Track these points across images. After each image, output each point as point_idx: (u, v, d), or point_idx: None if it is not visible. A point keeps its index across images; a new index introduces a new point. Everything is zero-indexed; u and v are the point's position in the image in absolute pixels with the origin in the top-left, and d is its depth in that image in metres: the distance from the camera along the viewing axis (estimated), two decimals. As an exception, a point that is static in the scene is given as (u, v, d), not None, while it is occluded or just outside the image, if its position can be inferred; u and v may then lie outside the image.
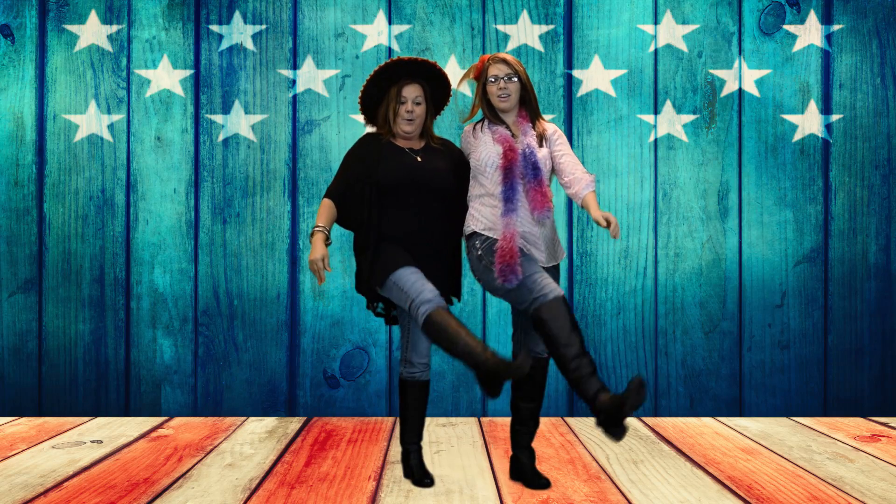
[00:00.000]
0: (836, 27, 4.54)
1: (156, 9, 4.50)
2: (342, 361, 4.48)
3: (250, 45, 4.51)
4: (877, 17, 4.54)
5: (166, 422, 4.33)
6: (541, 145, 3.11)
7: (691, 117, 4.52)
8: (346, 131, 4.50)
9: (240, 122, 4.50)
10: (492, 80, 3.10)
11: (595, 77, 4.52)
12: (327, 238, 3.07)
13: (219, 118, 4.50)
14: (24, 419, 4.40)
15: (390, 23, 4.52)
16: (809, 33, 4.54)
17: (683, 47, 4.53)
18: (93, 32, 4.50)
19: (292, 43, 4.52)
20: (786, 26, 4.54)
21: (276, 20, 4.52)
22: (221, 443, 3.86)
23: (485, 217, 3.07)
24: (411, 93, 3.16)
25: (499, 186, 3.05)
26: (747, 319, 4.51)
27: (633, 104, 4.52)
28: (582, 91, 4.51)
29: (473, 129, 3.18)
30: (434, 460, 3.53)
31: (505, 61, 3.10)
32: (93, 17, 4.49)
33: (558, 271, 3.18)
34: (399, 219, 3.11)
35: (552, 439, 3.93)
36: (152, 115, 4.50)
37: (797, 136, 4.53)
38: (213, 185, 4.49)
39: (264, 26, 4.52)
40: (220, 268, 4.48)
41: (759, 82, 4.53)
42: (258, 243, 4.49)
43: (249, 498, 2.99)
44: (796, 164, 4.52)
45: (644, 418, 4.42)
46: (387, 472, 3.35)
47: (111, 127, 4.50)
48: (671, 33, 4.53)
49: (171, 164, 4.49)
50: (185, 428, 4.18)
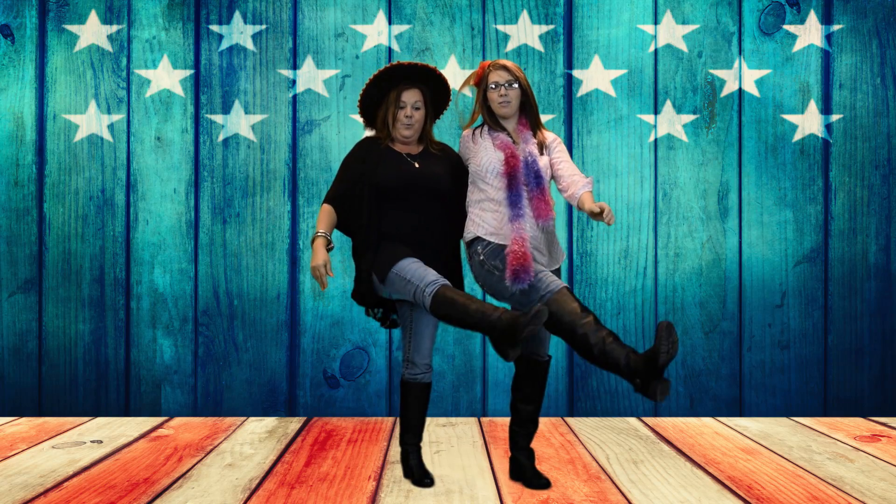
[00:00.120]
0: (836, 27, 4.54)
1: (156, 9, 4.50)
2: (342, 361, 4.48)
3: (250, 45, 4.51)
4: (877, 17, 4.54)
5: (166, 422, 4.33)
6: (541, 153, 3.11)
7: (691, 117, 4.52)
8: (346, 131, 4.50)
9: (240, 122, 4.50)
10: (492, 86, 3.10)
11: (595, 77, 4.52)
12: (328, 243, 3.06)
13: (219, 118, 4.50)
14: (24, 419, 4.40)
15: (390, 23, 4.51)
16: (809, 33, 4.54)
17: (683, 47, 4.53)
18: (93, 32, 4.50)
19: (292, 43, 4.52)
20: (786, 26, 4.54)
21: (276, 20, 4.52)
22: (221, 443, 3.86)
23: (486, 222, 3.07)
24: (410, 97, 3.16)
25: (501, 192, 3.05)
26: (747, 319, 4.51)
27: (633, 104, 4.52)
28: (582, 91, 4.51)
29: (473, 134, 3.17)
30: (434, 460, 3.53)
31: (506, 68, 3.09)
32: (93, 17, 4.49)
33: (559, 273, 3.18)
34: (398, 223, 3.10)
35: (552, 439, 3.93)
36: (152, 115, 4.50)
37: (797, 136, 4.53)
38: (213, 185, 4.49)
39: (264, 26, 4.52)
40: (220, 268, 4.48)
41: (759, 82, 4.53)
42: (258, 243, 4.49)
43: (249, 498, 2.99)
44: (796, 164, 4.52)
45: (644, 418, 4.42)
46: (387, 472, 3.35)
47: (111, 127, 4.50)
48: (671, 33, 4.53)
49: (171, 164, 4.49)
50: (185, 428, 4.18)
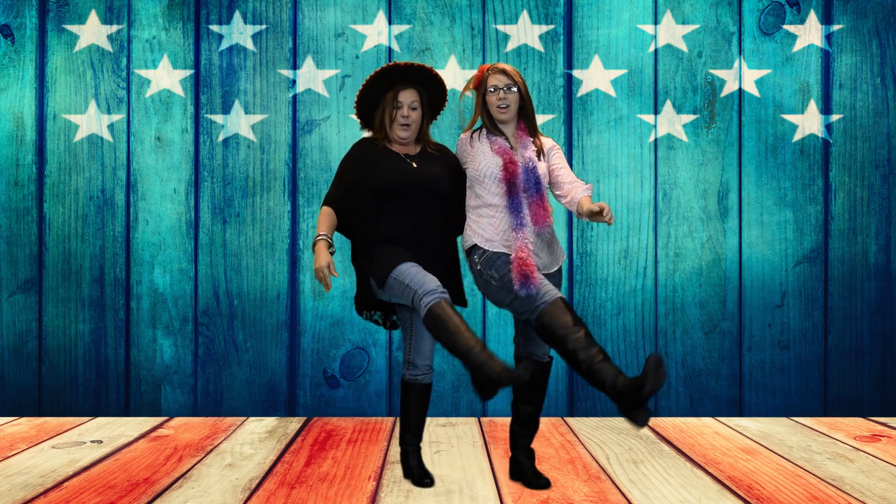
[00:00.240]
0: (836, 27, 4.54)
1: (156, 9, 4.50)
2: (342, 361, 4.48)
3: (250, 45, 4.51)
4: (877, 17, 4.54)
5: (166, 422, 4.33)
6: (539, 159, 3.11)
7: (691, 117, 4.52)
8: (346, 131, 4.50)
9: (240, 122, 4.50)
10: (491, 90, 3.10)
11: (595, 77, 4.52)
12: (330, 245, 3.06)
13: (219, 118, 4.50)
14: (24, 419, 4.40)
15: (390, 23, 4.51)
16: (809, 33, 4.54)
17: (683, 47, 4.53)
18: (93, 32, 4.50)
19: (292, 43, 4.52)
20: (786, 26, 4.54)
21: (276, 20, 4.52)
22: (221, 443, 3.86)
23: (482, 229, 3.07)
24: (407, 98, 3.15)
25: (499, 198, 3.05)
26: (747, 319, 4.50)
27: (633, 104, 4.52)
28: (582, 91, 4.51)
29: (471, 137, 3.17)
30: (434, 460, 3.53)
31: (504, 72, 3.09)
32: (93, 17, 4.49)
33: (560, 274, 3.18)
34: (396, 224, 3.09)
35: (552, 439, 3.93)
36: (152, 115, 4.50)
37: (797, 136, 4.53)
38: (213, 185, 4.49)
39: (264, 26, 4.52)
40: (220, 268, 4.48)
41: (759, 82, 4.53)
42: (258, 243, 4.49)
43: (249, 498, 2.99)
44: (796, 164, 4.52)
45: (644, 418, 4.42)
46: (387, 472, 3.35)
47: (111, 127, 4.50)
48: (671, 33, 4.53)
49: (171, 164, 4.49)
50: (185, 428, 4.18)
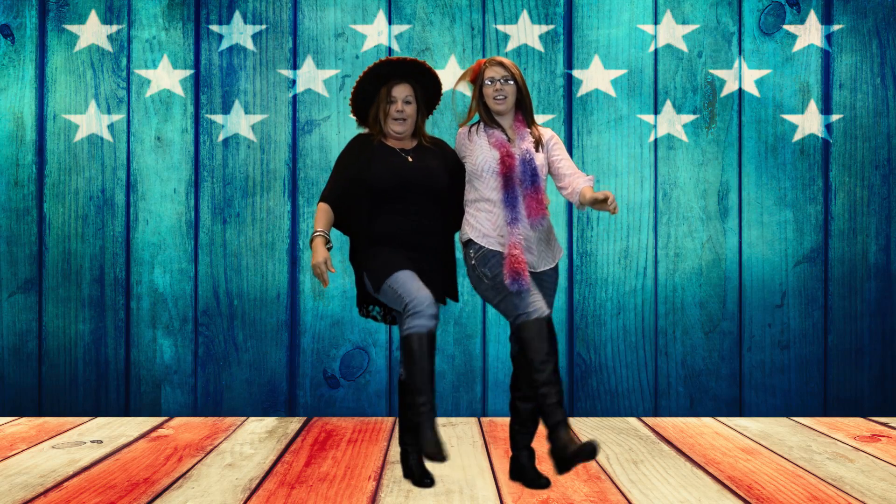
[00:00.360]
0: (836, 27, 4.54)
1: (156, 9, 4.50)
2: (342, 361, 4.48)
3: (250, 45, 4.51)
4: (877, 17, 4.54)
5: (166, 422, 4.33)
6: (538, 150, 3.11)
7: (691, 117, 4.52)
8: (346, 131, 4.50)
9: (240, 122, 4.50)
10: (488, 82, 3.10)
11: (595, 77, 4.52)
12: (327, 241, 3.06)
13: (219, 118, 4.50)
14: (24, 419, 4.40)
15: (390, 23, 4.51)
16: (809, 33, 4.54)
17: (683, 47, 4.53)
18: (93, 32, 4.50)
19: (292, 43, 4.52)
20: (786, 26, 4.54)
21: (276, 20, 4.52)
22: (221, 443, 3.86)
23: (480, 224, 3.07)
24: (401, 92, 3.15)
25: (496, 192, 3.05)
26: (747, 319, 4.50)
27: (633, 104, 4.52)
28: (582, 91, 4.51)
29: (469, 131, 3.17)
30: (434, 460, 3.53)
31: (502, 64, 3.10)
32: (93, 17, 4.49)
33: (557, 272, 3.18)
34: (392, 219, 3.09)
35: (552, 439, 3.93)
36: (152, 115, 4.50)
37: (797, 136, 4.53)
38: (213, 185, 4.49)
39: (264, 26, 4.52)
40: (220, 268, 4.48)
41: (759, 82, 4.53)
42: (258, 243, 4.49)
43: (249, 498, 2.99)
44: (796, 164, 4.52)
45: (644, 418, 4.42)
46: (387, 472, 3.35)
47: (111, 127, 4.50)
48: (671, 33, 4.53)
49: (171, 164, 4.49)
50: (185, 428, 4.18)
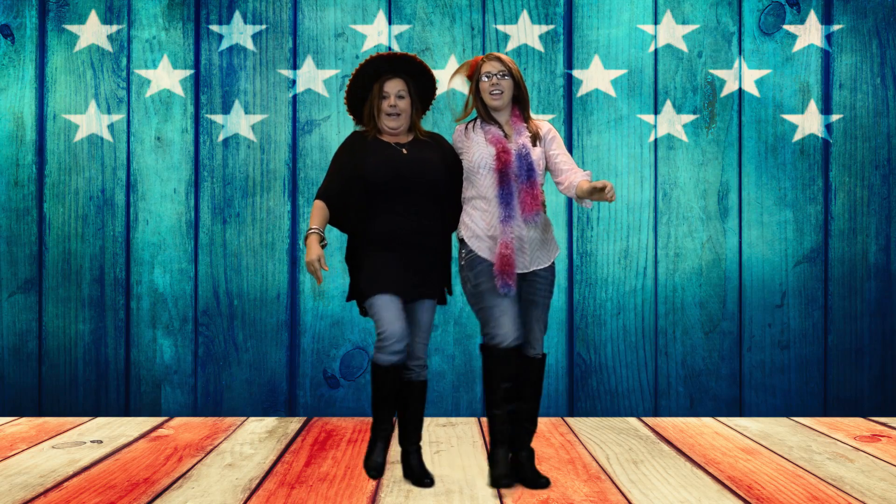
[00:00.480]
0: (836, 27, 4.54)
1: (156, 9, 4.50)
2: (342, 361, 4.48)
3: (250, 45, 4.51)
4: (877, 17, 4.54)
5: (166, 422, 4.33)
6: (535, 144, 3.11)
7: (691, 117, 4.52)
8: (345, 131, 4.50)
9: (240, 122, 4.50)
10: (485, 77, 3.10)
11: (595, 77, 4.52)
12: (322, 239, 3.06)
13: (219, 118, 4.50)
14: (24, 419, 4.40)
15: (390, 23, 4.51)
16: (809, 33, 4.54)
17: (683, 47, 4.53)
18: (93, 32, 4.50)
19: (292, 43, 4.52)
20: (786, 26, 4.54)
21: (276, 20, 4.52)
22: (221, 443, 3.86)
23: (474, 223, 3.07)
24: (393, 87, 3.15)
25: (492, 189, 3.05)
26: (747, 319, 4.50)
27: (633, 104, 4.52)
28: (582, 91, 4.51)
29: (466, 128, 3.17)
30: (434, 460, 3.53)
31: (499, 59, 3.11)
32: (93, 17, 4.49)
33: (552, 271, 3.16)
34: (388, 214, 3.08)
35: (552, 439, 3.93)
36: (152, 115, 4.50)
37: (797, 136, 4.53)
38: (213, 185, 4.49)
39: (264, 26, 4.52)
40: (220, 268, 4.48)
41: (759, 82, 4.53)
42: (258, 243, 4.49)
43: (249, 498, 2.99)
44: (796, 164, 4.52)
45: (644, 418, 4.42)
46: (387, 472, 3.34)
47: (111, 127, 4.50)
48: (671, 33, 4.53)
49: (171, 164, 4.49)
50: (185, 428, 4.18)
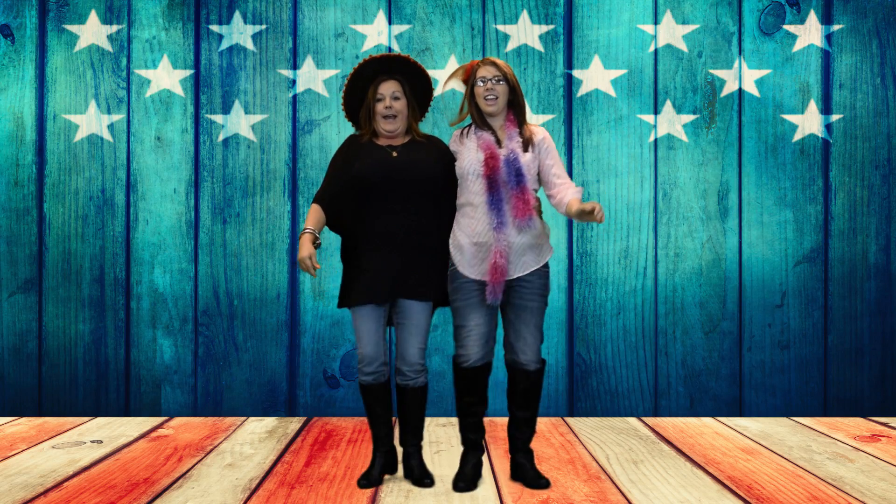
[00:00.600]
0: (836, 27, 4.54)
1: (156, 9, 4.50)
2: (342, 361, 4.48)
3: (250, 45, 4.51)
4: (877, 17, 4.54)
5: (166, 422, 4.33)
6: (526, 150, 3.08)
7: (691, 117, 4.52)
8: (345, 131, 4.50)
9: (240, 122, 4.50)
10: (480, 82, 3.09)
11: (595, 77, 4.52)
12: (315, 239, 3.06)
13: (219, 118, 4.50)
14: (24, 419, 4.40)
15: (390, 23, 4.51)
16: (809, 33, 4.54)
17: (683, 47, 4.53)
18: (93, 32, 4.50)
19: (292, 43, 4.52)
20: (786, 26, 4.54)
21: (276, 20, 4.52)
22: (221, 443, 3.86)
23: (461, 231, 3.08)
24: (388, 89, 3.13)
25: (480, 196, 3.03)
26: (747, 319, 4.50)
27: (633, 104, 4.52)
28: (582, 91, 4.51)
29: (460, 134, 3.17)
30: (434, 460, 3.53)
31: (494, 64, 3.09)
32: (93, 17, 4.49)
33: (542, 275, 3.12)
34: (381, 216, 3.07)
35: (552, 439, 3.93)
36: (152, 115, 4.50)
37: (797, 136, 4.53)
38: (213, 185, 4.49)
39: (264, 26, 4.52)
40: (220, 268, 4.48)
41: (759, 82, 4.53)
42: (258, 243, 4.49)
43: (249, 498, 2.99)
44: (796, 164, 4.52)
45: (644, 418, 4.42)
46: (387, 472, 3.35)
47: (111, 127, 4.50)
48: (671, 33, 4.53)
49: (171, 164, 4.49)
50: (185, 428, 4.18)
